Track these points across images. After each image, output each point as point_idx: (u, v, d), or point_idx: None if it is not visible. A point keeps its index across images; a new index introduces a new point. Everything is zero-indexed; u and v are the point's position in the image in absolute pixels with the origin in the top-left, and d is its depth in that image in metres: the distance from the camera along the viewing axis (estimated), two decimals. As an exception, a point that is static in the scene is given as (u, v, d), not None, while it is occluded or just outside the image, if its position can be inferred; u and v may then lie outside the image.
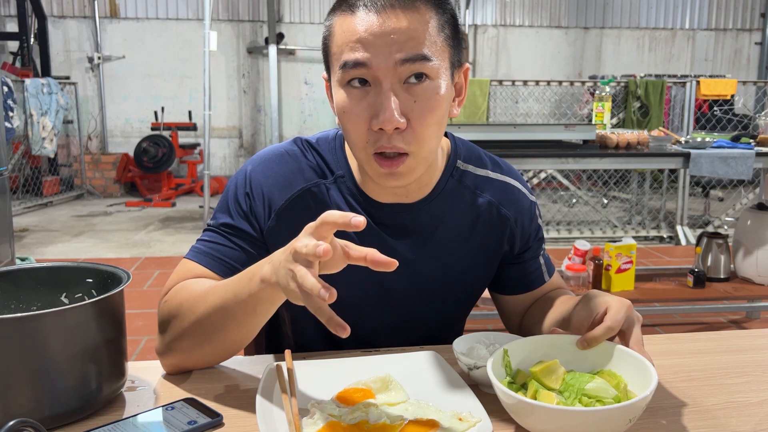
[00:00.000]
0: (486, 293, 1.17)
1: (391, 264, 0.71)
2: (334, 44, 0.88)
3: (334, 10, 0.89)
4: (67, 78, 7.64)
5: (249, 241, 0.98)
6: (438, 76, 0.87)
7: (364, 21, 0.84)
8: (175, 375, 0.91)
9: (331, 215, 0.71)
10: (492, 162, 1.08)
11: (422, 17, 0.85)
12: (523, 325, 1.11)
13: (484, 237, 1.05)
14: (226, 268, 0.96)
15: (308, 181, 0.99)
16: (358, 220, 0.70)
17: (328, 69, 0.93)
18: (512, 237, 1.07)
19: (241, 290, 0.82)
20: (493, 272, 1.10)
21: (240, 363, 0.95)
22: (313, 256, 0.70)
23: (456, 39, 0.91)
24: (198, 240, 1.00)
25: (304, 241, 0.71)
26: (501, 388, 0.72)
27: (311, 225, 0.73)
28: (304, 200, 0.99)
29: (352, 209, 0.99)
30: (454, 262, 1.04)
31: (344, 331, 0.69)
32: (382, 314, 1.05)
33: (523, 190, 1.08)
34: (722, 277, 2.88)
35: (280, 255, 0.76)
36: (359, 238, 0.98)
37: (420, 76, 0.85)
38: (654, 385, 0.70)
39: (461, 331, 1.19)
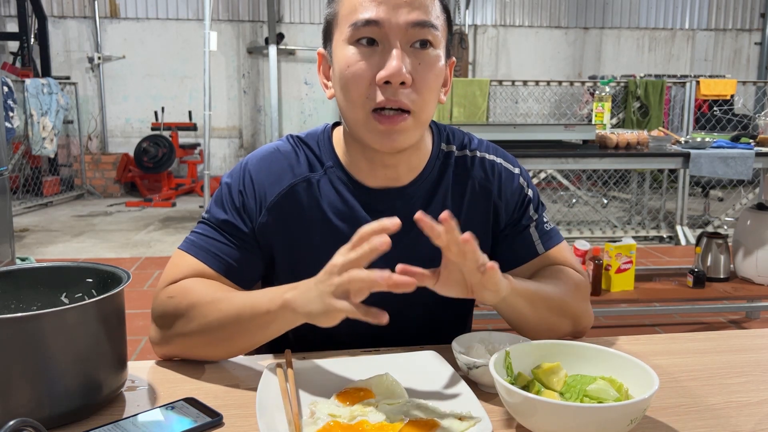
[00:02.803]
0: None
1: (410, 284, 0.73)
2: (344, 7, 0.92)
3: None
4: (67, 78, 7.64)
5: (241, 238, 1.00)
6: (440, 47, 0.93)
7: None
8: (168, 361, 0.95)
9: (367, 227, 0.75)
10: (473, 142, 1.10)
11: None
12: None
13: (471, 214, 1.06)
14: (220, 264, 0.98)
15: (297, 176, 1.02)
16: (393, 222, 0.74)
17: (328, 38, 0.96)
18: (496, 210, 1.07)
19: (260, 307, 0.86)
20: (486, 249, 1.09)
21: (240, 363, 0.95)
22: (360, 260, 0.74)
23: (449, 30, 0.97)
24: (193, 231, 1.02)
25: (341, 257, 0.76)
26: (504, 386, 0.72)
27: (346, 247, 0.77)
28: (294, 195, 1.01)
29: (343, 197, 1.01)
30: None
31: (384, 316, 0.74)
32: (379, 301, 1.05)
33: (505, 164, 1.10)
34: (722, 277, 2.88)
35: (308, 282, 0.81)
36: (351, 226, 0.99)
37: (424, 44, 0.91)
38: (656, 388, 0.70)
39: (468, 325, 1.19)
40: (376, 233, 0.74)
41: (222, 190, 1.03)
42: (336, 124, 1.08)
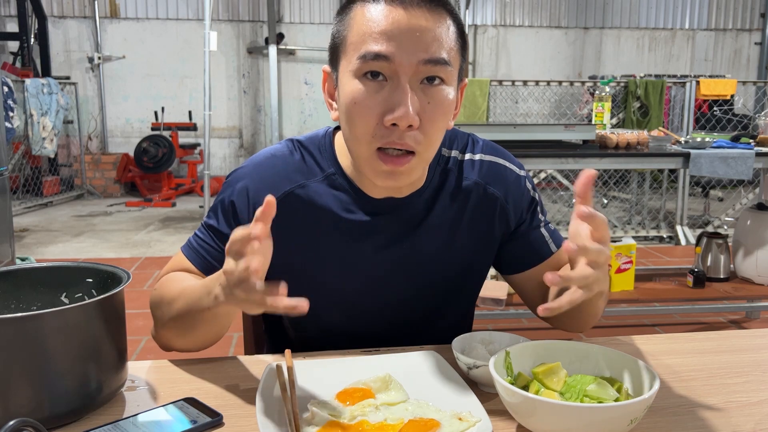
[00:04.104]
0: (492, 293, 1.17)
1: (268, 210, 0.72)
2: (354, 33, 0.87)
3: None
4: (67, 78, 7.64)
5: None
6: (451, 83, 0.89)
7: (390, 14, 0.85)
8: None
9: (236, 233, 0.73)
10: (476, 144, 1.08)
11: (444, 22, 0.87)
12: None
13: (474, 220, 1.05)
14: (204, 264, 1.02)
15: (293, 183, 1.00)
16: (257, 232, 0.71)
17: (335, 60, 0.92)
18: (504, 215, 1.06)
19: (202, 302, 0.85)
20: (490, 255, 1.09)
21: (240, 363, 0.95)
22: (246, 272, 0.72)
23: (464, 52, 0.92)
24: (194, 234, 1.06)
25: (230, 265, 0.74)
26: (504, 386, 0.72)
27: (227, 246, 0.75)
28: (289, 203, 1.00)
29: (342, 203, 1.00)
30: (445, 247, 1.04)
31: (304, 303, 0.71)
32: (380, 309, 1.05)
33: (510, 165, 1.08)
34: (722, 277, 2.88)
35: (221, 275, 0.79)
36: (350, 233, 0.99)
37: (434, 79, 0.86)
38: (656, 388, 0.70)
39: (469, 326, 1.18)
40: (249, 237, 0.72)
41: (218, 198, 1.04)
42: (337, 128, 1.06)
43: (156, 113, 7.77)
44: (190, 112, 7.97)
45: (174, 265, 1.04)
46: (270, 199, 0.72)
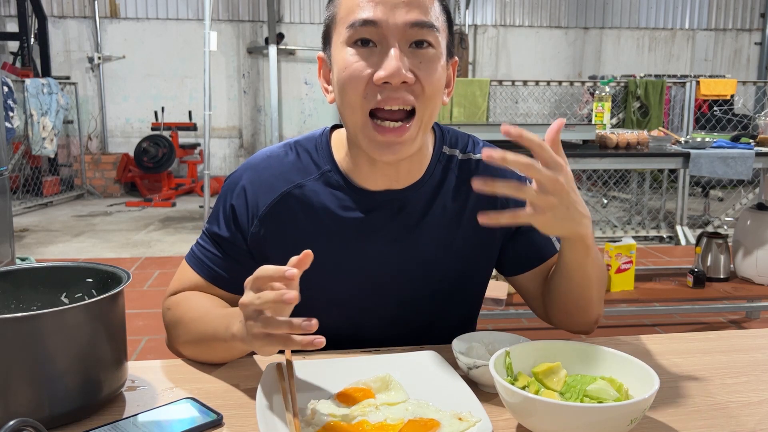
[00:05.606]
0: (495, 294, 1.16)
1: (305, 260, 0.74)
2: (343, 8, 0.91)
3: None
4: (67, 78, 7.64)
5: (231, 249, 1.02)
6: (439, 47, 0.91)
7: None
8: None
9: (266, 270, 0.74)
10: (477, 145, 1.08)
11: None
12: (545, 304, 1.08)
13: (475, 219, 1.03)
14: (210, 273, 1.03)
15: (291, 183, 1.01)
16: (292, 272, 0.72)
17: (327, 40, 0.95)
18: None
19: (220, 335, 0.87)
20: (491, 256, 1.09)
21: (240, 363, 0.95)
22: (275, 302, 0.73)
23: (450, 29, 0.96)
24: (197, 242, 1.06)
25: (249, 297, 0.76)
26: (504, 385, 0.72)
27: (249, 280, 0.77)
28: (287, 203, 1.00)
29: (340, 201, 1.00)
30: (445, 246, 1.03)
31: (321, 339, 0.72)
32: (380, 306, 1.05)
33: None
34: (722, 277, 2.88)
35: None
36: (348, 232, 1.00)
37: (422, 43, 0.89)
38: (656, 388, 0.70)
39: (472, 329, 1.18)
40: (273, 280, 0.74)
41: (218, 203, 1.04)
42: (335, 127, 1.07)
43: (156, 113, 7.77)
44: (190, 112, 7.97)
45: (182, 280, 1.04)
46: (308, 252, 0.74)
